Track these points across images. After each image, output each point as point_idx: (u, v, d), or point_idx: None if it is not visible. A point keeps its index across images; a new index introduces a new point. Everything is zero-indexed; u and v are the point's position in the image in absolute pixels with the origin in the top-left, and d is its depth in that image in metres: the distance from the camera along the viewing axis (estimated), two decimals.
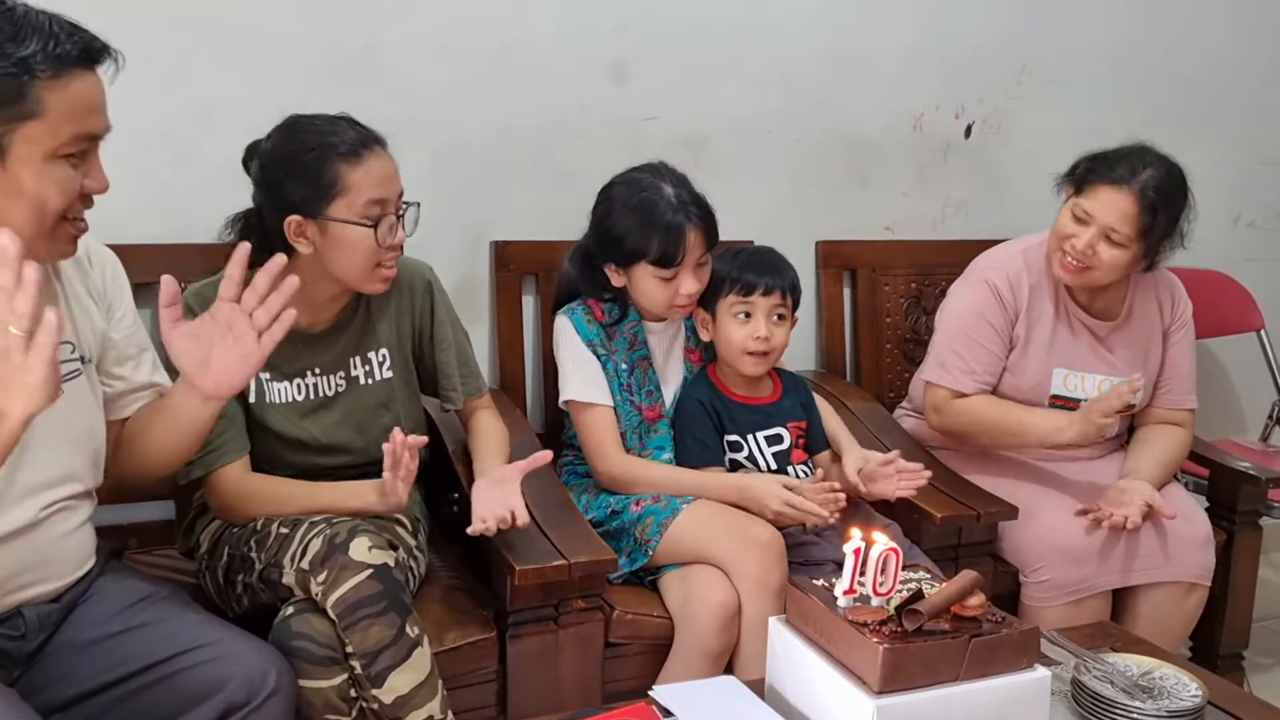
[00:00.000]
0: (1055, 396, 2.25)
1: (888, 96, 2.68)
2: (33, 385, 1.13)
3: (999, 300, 2.22)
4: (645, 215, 1.94)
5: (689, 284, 1.97)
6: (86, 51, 1.31)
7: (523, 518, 1.72)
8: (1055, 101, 2.57)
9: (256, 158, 1.77)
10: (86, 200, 1.38)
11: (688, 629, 1.83)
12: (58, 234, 1.36)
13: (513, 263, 2.35)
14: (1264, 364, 2.95)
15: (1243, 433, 3.10)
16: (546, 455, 1.84)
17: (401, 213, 1.76)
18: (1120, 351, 2.26)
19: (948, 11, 2.71)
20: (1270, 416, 2.95)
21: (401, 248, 1.78)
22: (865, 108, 2.67)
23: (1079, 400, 2.21)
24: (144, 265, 2.00)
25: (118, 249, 1.93)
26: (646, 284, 1.98)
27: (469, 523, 1.73)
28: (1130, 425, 2.38)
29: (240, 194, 1.81)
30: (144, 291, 2.01)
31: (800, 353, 2.63)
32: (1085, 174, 2.13)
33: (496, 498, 1.74)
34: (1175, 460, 2.29)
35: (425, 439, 1.71)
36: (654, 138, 2.42)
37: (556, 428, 2.21)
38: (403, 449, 1.64)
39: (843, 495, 1.89)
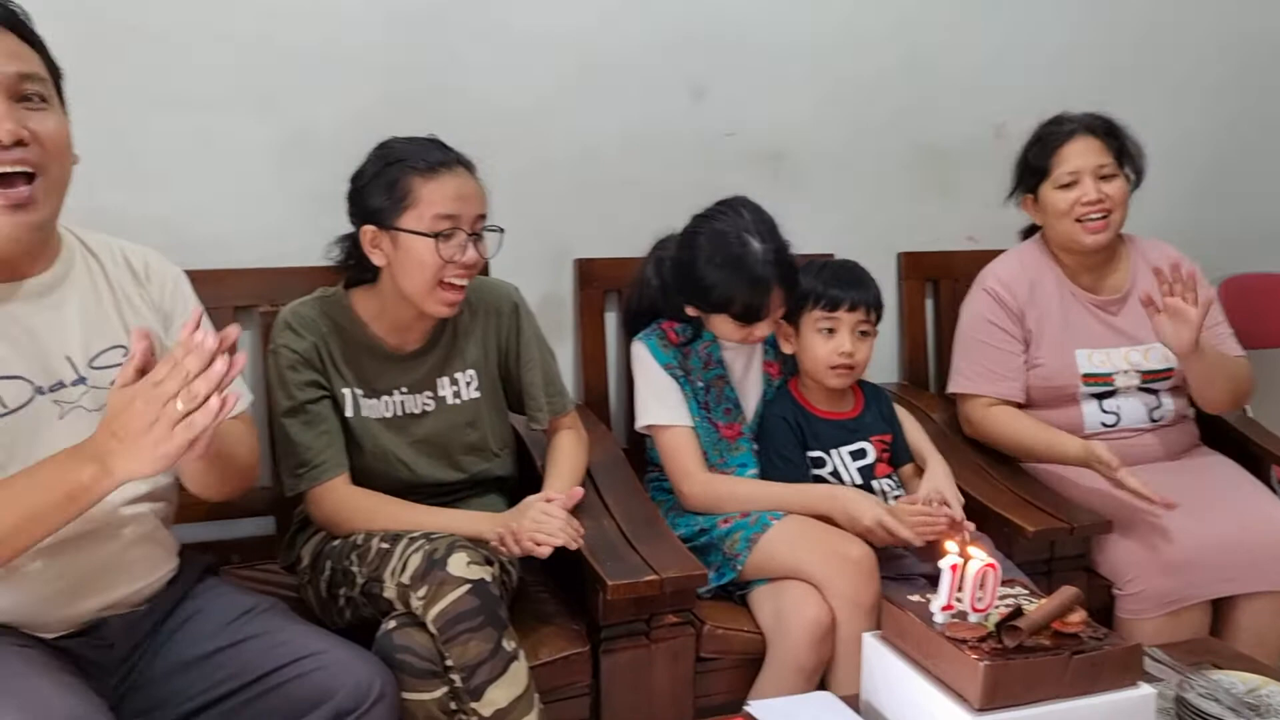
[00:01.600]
0: (1087, 376, 2.27)
1: (968, 105, 2.67)
2: (159, 456, 1.21)
3: (1000, 303, 2.29)
4: (732, 272, 1.92)
5: (765, 329, 1.99)
6: None
7: (536, 552, 1.71)
8: (1142, 105, 2.52)
9: (351, 179, 1.82)
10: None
11: (780, 645, 1.83)
12: None
13: (595, 280, 2.38)
14: None
15: None
16: (579, 493, 1.86)
17: (477, 233, 1.78)
18: (1134, 323, 2.28)
19: (1029, 18, 2.69)
20: None
21: (476, 269, 1.80)
22: (945, 117, 2.66)
23: (1112, 375, 2.26)
24: (244, 289, 2.09)
25: (218, 273, 2.02)
26: (724, 328, 2.01)
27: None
28: (1195, 410, 2.37)
29: (334, 218, 1.86)
30: (244, 315, 2.10)
31: (882, 365, 2.62)
32: (1039, 158, 2.26)
33: (530, 523, 1.74)
34: (1237, 378, 2.25)
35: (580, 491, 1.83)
36: (733, 153, 2.44)
37: (641, 442, 2.23)
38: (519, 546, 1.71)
39: (942, 520, 1.87)
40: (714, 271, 1.94)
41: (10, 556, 1.30)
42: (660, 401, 2.03)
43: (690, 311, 2.03)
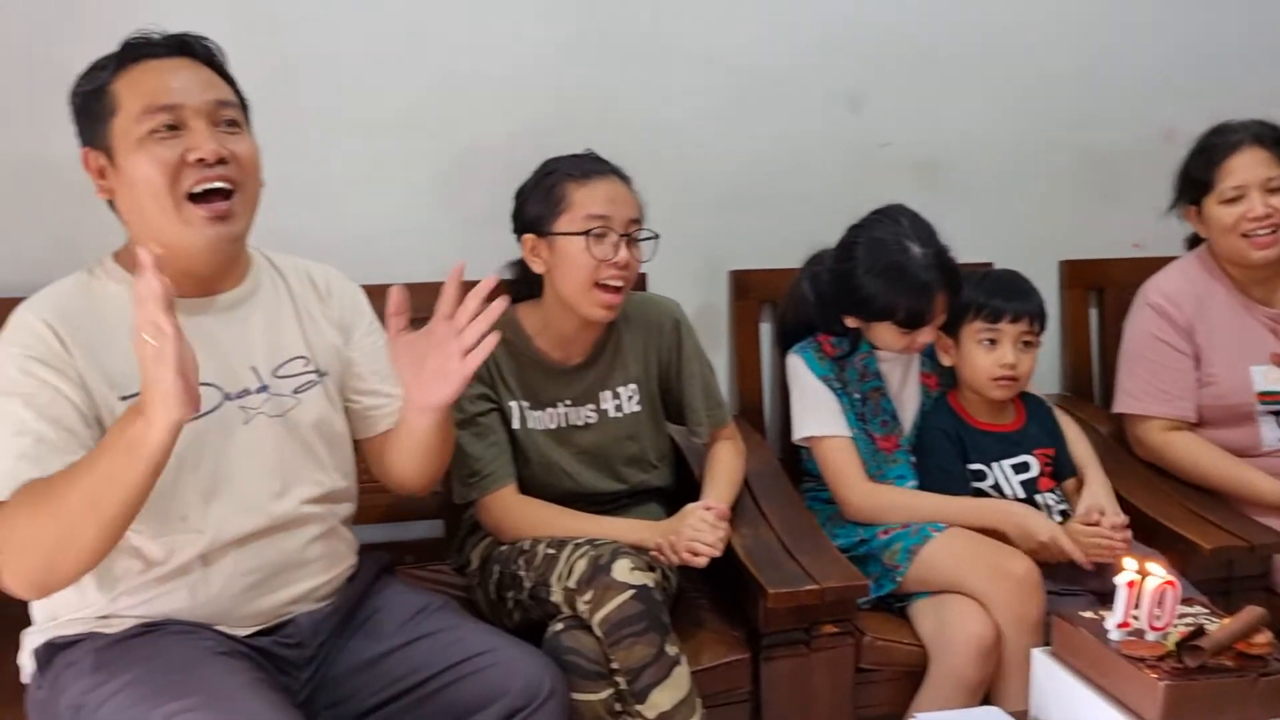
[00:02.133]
0: (1263, 394, 2.16)
1: (1137, 109, 2.59)
2: (165, 393, 1.24)
3: (1166, 318, 2.20)
4: (894, 279, 1.92)
5: (928, 336, 1.98)
6: (131, 48, 1.46)
7: (693, 562, 1.74)
8: None
9: (515, 194, 1.90)
10: (203, 169, 1.43)
11: (943, 659, 1.81)
12: (186, 215, 1.43)
13: (750, 291, 2.40)
14: None
15: None
16: (720, 509, 1.85)
17: (630, 235, 1.83)
18: None
19: (1203, 19, 2.60)
20: None
21: (631, 272, 1.84)
22: (1109, 121, 2.59)
23: None
24: (416, 304, 2.15)
25: (386, 289, 2.11)
26: (886, 336, 2.00)
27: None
28: None
29: (498, 234, 1.94)
30: (416, 328, 2.18)
31: (1043, 375, 2.55)
32: (1202, 170, 2.17)
33: (687, 533, 1.77)
34: None
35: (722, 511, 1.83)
36: (889, 163, 2.43)
37: (797, 452, 2.23)
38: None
39: (1119, 542, 1.83)
40: (874, 280, 1.94)
41: (109, 522, 1.31)
42: (818, 413, 2.04)
43: (850, 323, 2.03)
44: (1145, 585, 1.38)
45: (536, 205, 1.85)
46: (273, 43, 2.04)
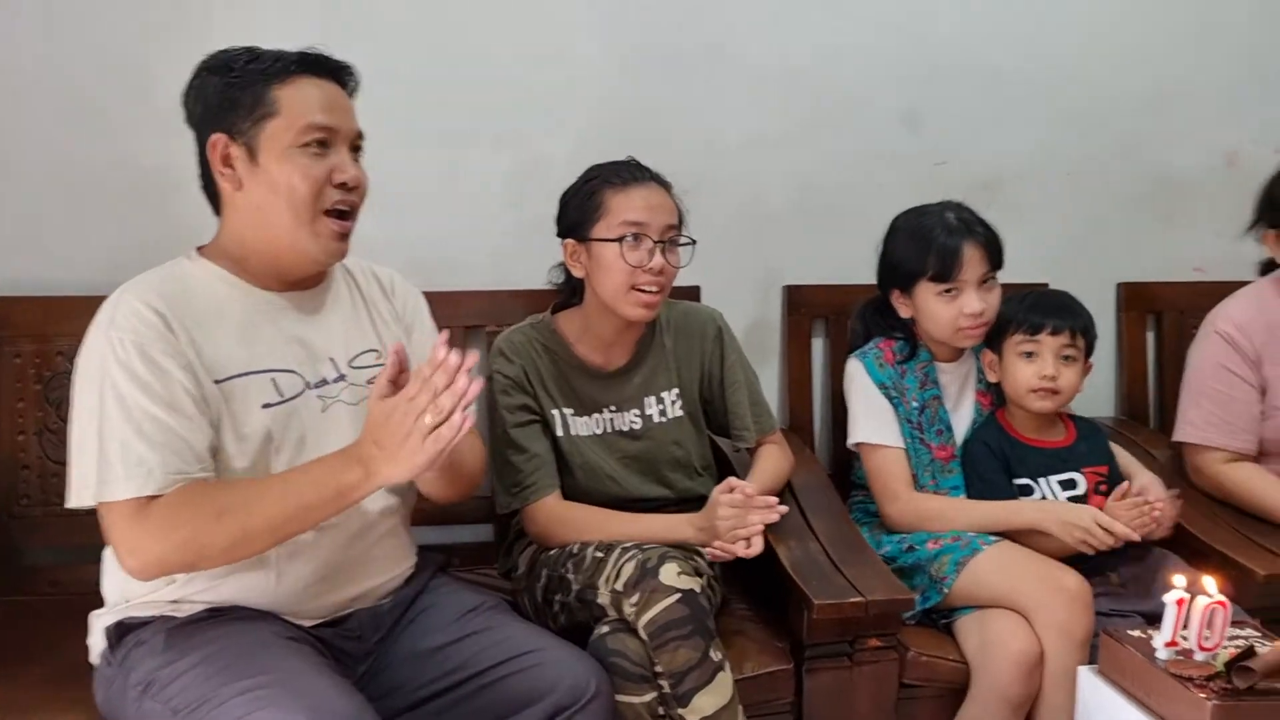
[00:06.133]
0: None
1: (1197, 132, 2.58)
2: (414, 465, 1.34)
3: (1235, 347, 2.15)
4: (923, 235, 2.00)
5: (972, 302, 1.97)
6: (305, 62, 1.52)
7: (757, 546, 1.75)
8: None
9: (559, 201, 1.95)
10: (344, 191, 1.52)
11: (986, 675, 1.80)
12: (318, 228, 1.51)
13: (804, 306, 2.42)
14: None
15: None
16: (751, 490, 1.81)
17: (667, 241, 1.85)
18: None
19: (1264, 40, 2.58)
20: None
21: (667, 277, 1.86)
22: (1170, 144, 2.58)
23: None
24: (474, 309, 2.24)
25: (451, 295, 2.17)
26: (930, 305, 2.01)
27: (758, 555, 1.78)
28: None
29: (558, 244, 1.97)
30: (473, 333, 2.24)
31: (1100, 399, 2.54)
32: None
33: (736, 516, 1.77)
34: None
35: (780, 506, 1.80)
36: (946, 182, 2.42)
37: (845, 468, 2.24)
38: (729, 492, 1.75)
39: (1160, 508, 1.83)
40: (908, 242, 2.02)
41: (276, 542, 1.43)
42: (873, 420, 2.05)
43: (901, 308, 2.06)
44: (1194, 604, 1.37)
45: (576, 211, 1.89)
46: (348, 54, 2.11)
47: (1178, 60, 2.56)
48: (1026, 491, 2.00)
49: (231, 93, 1.49)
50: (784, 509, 1.81)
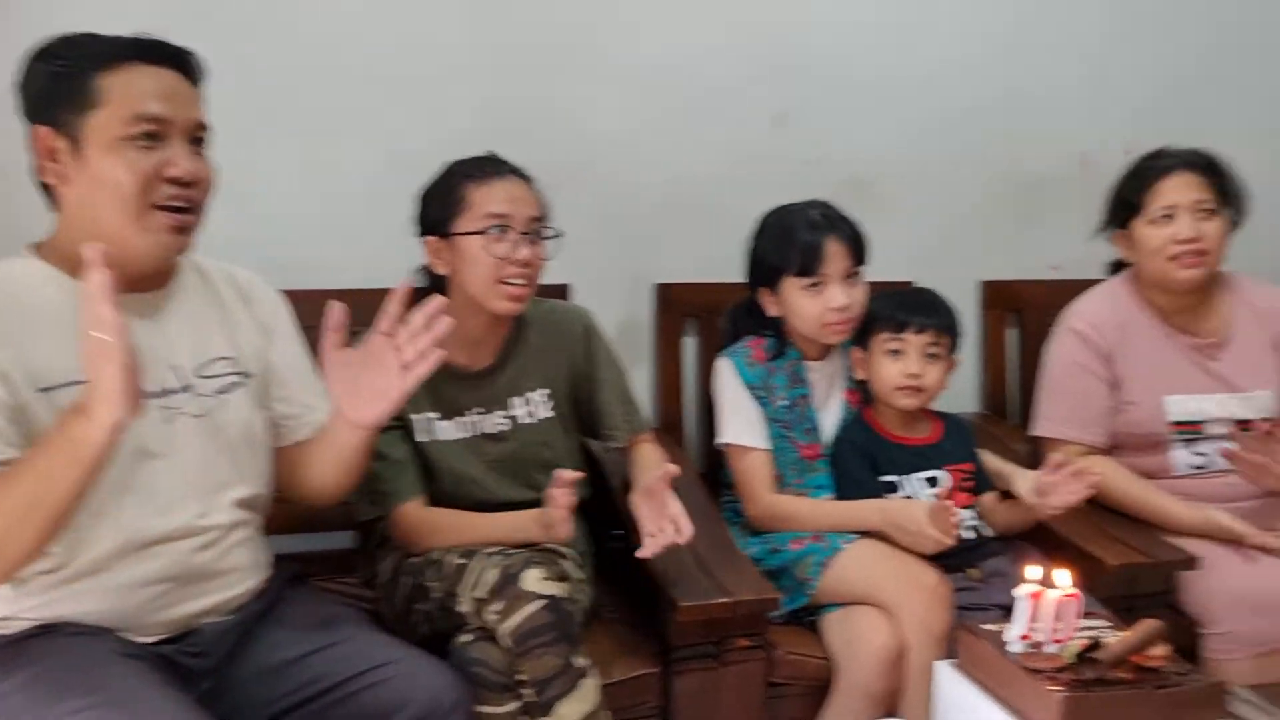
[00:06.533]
0: (1176, 424, 2.19)
1: (1052, 135, 2.65)
2: (110, 391, 1.23)
3: (1088, 344, 2.22)
4: (787, 232, 2.02)
5: (837, 296, 1.98)
6: (138, 47, 1.44)
7: (687, 528, 1.74)
8: (1234, 134, 2.47)
9: (418, 198, 1.90)
10: (177, 185, 1.44)
11: (850, 671, 1.82)
12: (149, 223, 1.43)
13: (675, 305, 2.40)
14: None
15: None
16: (674, 469, 1.82)
17: (532, 233, 1.82)
18: (1232, 368, 2.21)
19: (1117, 47, 2.67)
20: None
21: (535, 270, 1.83)
22: (1030, 146, 2.65)
23: (1202, 423, 2.18)
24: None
25: (311, 294, 2.08)
26: (796, 301, 2.01)
27: (633, 558, 1.76)
28: None
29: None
30: None
31: (963, 395, 2.60)
32: (1133, 191, 2.19)
33: (654, 512, 1.77)
34: None
35: (581, 474, 1.74)
36: (815, 180, 2.44)
37: (717, 467, 2.23)
38: (559, 486, 1.70)
39: (959, 517, 1.86)
40: (770, 239, 2.04)
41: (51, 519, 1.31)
42: (739, 421, 2.05)
43: (769, 306, 2.06)
44: (1046, 598, 1.40)
45: (437, 207, 1.84)
46: (200, 44, 2.01)
47: (1033, 65, 2.62)
48: (892, 489, 2.02)
49: (56, 82, 1.41)
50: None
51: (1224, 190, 2.18)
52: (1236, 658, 1.99)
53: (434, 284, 1.91)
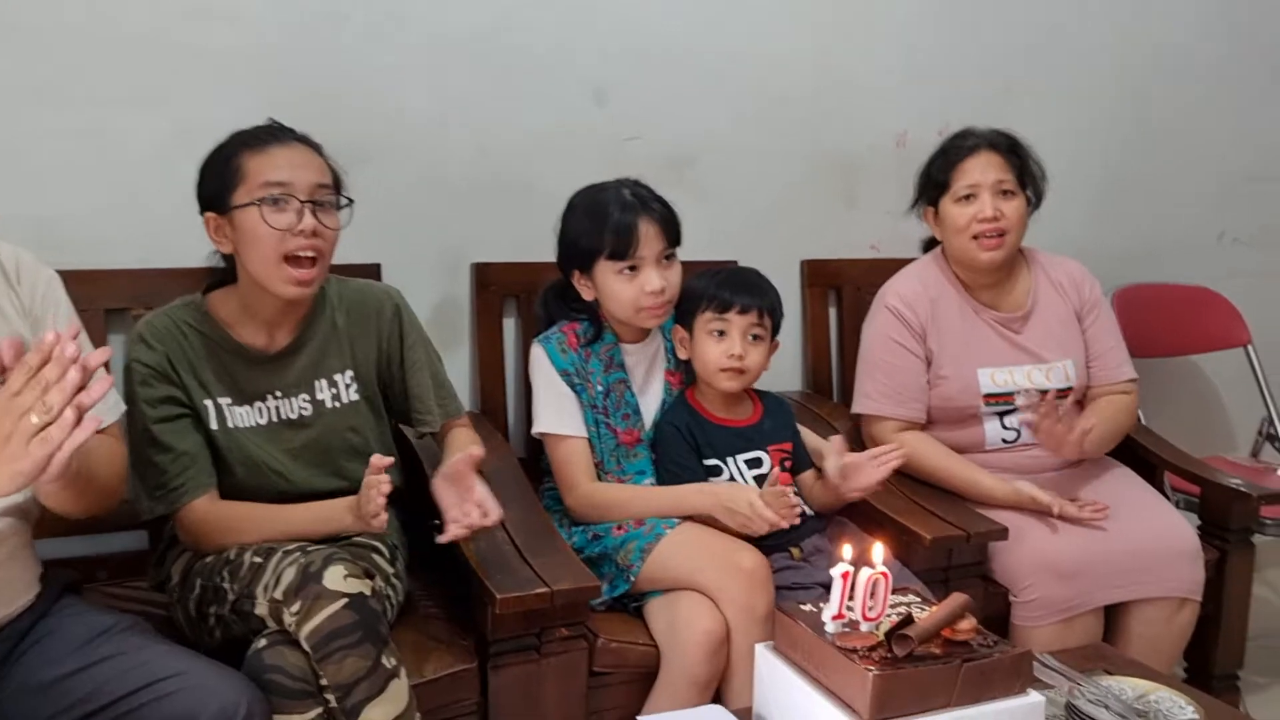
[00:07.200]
0: (989, 396, 2.26)
1: (870, 115, 2.68)
2: (15, 474, 1.13)
3: (903, 321, 2.27)
4: (599, 212, 1.95)
5: (653, 280, 1.94)
6: None
7: (494, 511, 1.68)
8: (1038, 116, 2.57)
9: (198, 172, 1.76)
10: None
11: (674, 657, 1.79)
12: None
13: (493, 285, 2.32)
14: (1252, 380, 2.93)
15: (1233, 449, 3.08)
16: (479, 450, 1.75)
17: (317, 202, 1.69)
18: (1036, 339, 2.30)
19: (930, 31, 2.72)
20: (1260, 432, 2.94)
21: (325, 242, 1.70)
22: (849, 127, 2.67)
23: (1013, 394, 2.25)
24: (118, 291, 2.00)
25: (91, 274, 1.92)
26: (611, 284, 1.96)
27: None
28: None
29: None
30: (116, 317, 1.99)
31: (785, 374, 2.61)
32: (940, 170, 2.25)
33: (459, 496, 1.70)
34: (1119, 428, 2.32)
35: (392, 459, 1.64)
36: (636, 158, 2.40)
37: (538, 452, 2.17)
38: (374, 471, 1.59)
39: (797, 502, 1.84)
40: (581, 219, 1.97)
41: None
42: (555, 410, 1.99)
43: (583, 290, 2.00)
44: (859, 576, 1.39)
45: (214, 180, 1.70)
46: None
47: (852, 47, 2.64)
48: (715, 472, 2.00)
49: None
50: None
51: (1024, 170, 2.26)
52: (1043, 624, 2.06)
53: (230, 263, 1.77)
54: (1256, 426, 2.95)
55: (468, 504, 1.68)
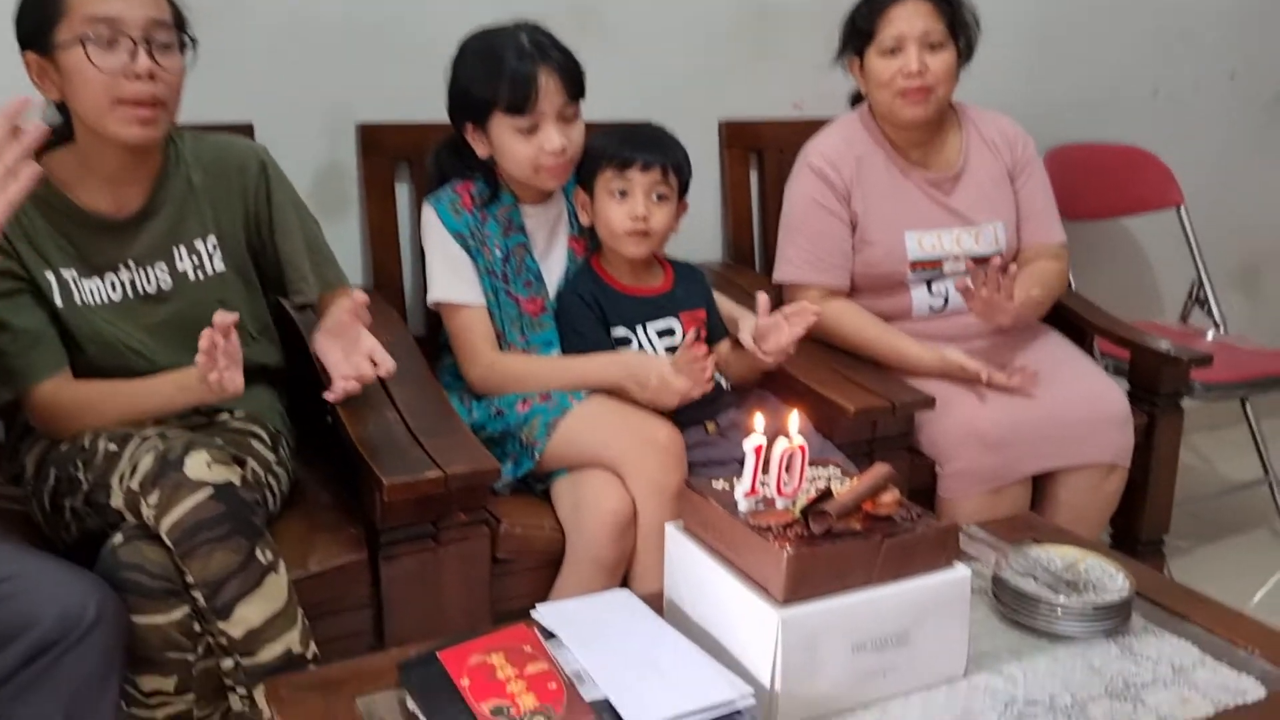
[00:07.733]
0: (915, 262, 2.15)
1: None
2: None
3: (826, 182, 2.14)
4: (493, 59, 1.77)
5: (553, 138, 1.79)
6: None
7: (386, 361, 1.55)
8: None
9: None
10: None
11: (579, 540, 1.69)
12: None
13: (382, 148, 2.13)
14: (1183, 242, 2.86)
15: (1161, 314, 3.03)
16: (363, 295, 1.57)
17: (154, 41, 1.49)
18: (967, 201, 2.19)
19: None
20: (1190, 296, 2.88)
21: (163, 85, 1.50)
22: None
23: (941, 260, 2.15)
24: None
25: None
26: (507, 142, 1.80)
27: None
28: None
29: None
30: None
31: (705, 241, 2.47)
32: (865, 20, 2.11)
33: (345, 350, 1.56)
34: (1050, 294, 2.23)
35: (235, 315, 1.44)
36: (539, 7, 2.17)
37: (436, 328, 2.02)
38: (216, 331, 1.41)
39: (710, 364, 1.73)
40: (476, 65, 1.81)
41: None
42: (450, 276, 1.84)
43: (477, 146, 1.84)
44: (773, 449, 1.27)
45: (32, 13, 1.49)
46: None
47: None
48: (624, 343, 1.87)
49: None
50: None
51: (955, 20, 2.11)
52: (970, 495, 2.00)
53: (64, 119, 1.56)
54: (1187, 290, 2.88)
55: (356, 355, 1.54)
